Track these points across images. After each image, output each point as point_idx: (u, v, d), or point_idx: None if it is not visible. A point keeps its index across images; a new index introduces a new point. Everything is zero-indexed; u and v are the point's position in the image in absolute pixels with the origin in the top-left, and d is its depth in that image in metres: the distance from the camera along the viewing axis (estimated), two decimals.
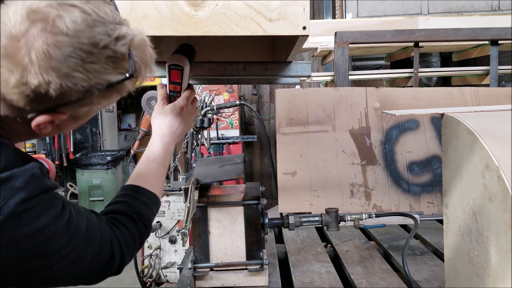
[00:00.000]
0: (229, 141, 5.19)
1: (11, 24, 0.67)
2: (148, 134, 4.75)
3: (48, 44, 0.67)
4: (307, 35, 1.02)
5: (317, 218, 1.58)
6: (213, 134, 5.00)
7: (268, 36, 1.01)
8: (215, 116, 2.90)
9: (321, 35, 3.69)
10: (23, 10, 0.68)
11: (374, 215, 1.65)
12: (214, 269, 1.47)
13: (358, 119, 2.39)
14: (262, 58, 1.62)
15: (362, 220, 1.62)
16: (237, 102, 2.55)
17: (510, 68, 3.19)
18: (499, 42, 2.95)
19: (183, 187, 1.35)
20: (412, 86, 3.20)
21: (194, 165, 1.73)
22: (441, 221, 2.06)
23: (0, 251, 0.68)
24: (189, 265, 1.46)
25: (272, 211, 3.39)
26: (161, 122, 1.13)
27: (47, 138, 5.37)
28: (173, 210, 3.35)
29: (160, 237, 3.34)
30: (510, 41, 2.94)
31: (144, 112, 4.59)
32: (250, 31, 1.00)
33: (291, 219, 1.58)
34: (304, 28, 1.00)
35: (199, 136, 2.64)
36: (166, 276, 3.34)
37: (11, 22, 0.68)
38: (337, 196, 2.30)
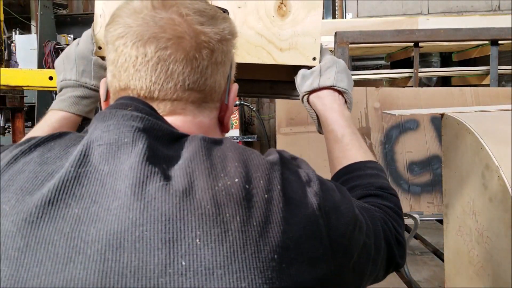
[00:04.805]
0: None
1: None
2: None
3: None
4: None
5: None
6: None
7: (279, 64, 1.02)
8: None
9: (321, 35, 3.69)
10: None
11: None
12: None
13: (358, 119, 2.39)
14: (290, 78, 1.62)
15: None
16: (237, 102, 2.55)
17: (510, 68, 3.19)
18: (499, 42, 2.95)
19: None
20: (412, 86, 3.20)
21: None
22: (441, 221, 2.06)
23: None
24: None
25: None
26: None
27: None
28: None
29: None
30: (510, 41, 2.94)
31: None
32: (260, 60, 1.00)
33: None
34: (314, 59, 1.01)
35: None
36: None
37: None
38: None
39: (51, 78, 1.75)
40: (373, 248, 0.66)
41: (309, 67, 1.01)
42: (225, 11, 0.72)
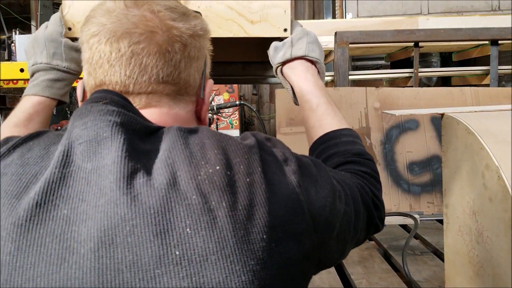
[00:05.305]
0: None
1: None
2: None
3: None
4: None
5: None
6: None
7: (252, 37, 1.02)
8: (215, 116, 2.90)
9: (321, 35, 3.68)
10: None
11: None
12: None
13: (358, 119, 2.39)
14: (262, 58, 1.63)
15: None
16: (237, 102, 2.55)
17: (510, 68, 3.19)
18: (499, 42, 2.95)
19: None
20: (412, 86, 3.20)
21: None
22: (441, 221, 2.06)
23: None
24: None
25: None
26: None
27: None
28: None
29: None
30: (510, 41, 2.94)
31: None
32: (232, 33, 1.01)
33: None
34: (285, 30, 1.02)
35: None
36: None
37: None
38: None
39: (22, 70, 1.68)
40: (353, 215, 0.68)
41: (280, 39, 1.01)
42: (197, 12, 0.74)
